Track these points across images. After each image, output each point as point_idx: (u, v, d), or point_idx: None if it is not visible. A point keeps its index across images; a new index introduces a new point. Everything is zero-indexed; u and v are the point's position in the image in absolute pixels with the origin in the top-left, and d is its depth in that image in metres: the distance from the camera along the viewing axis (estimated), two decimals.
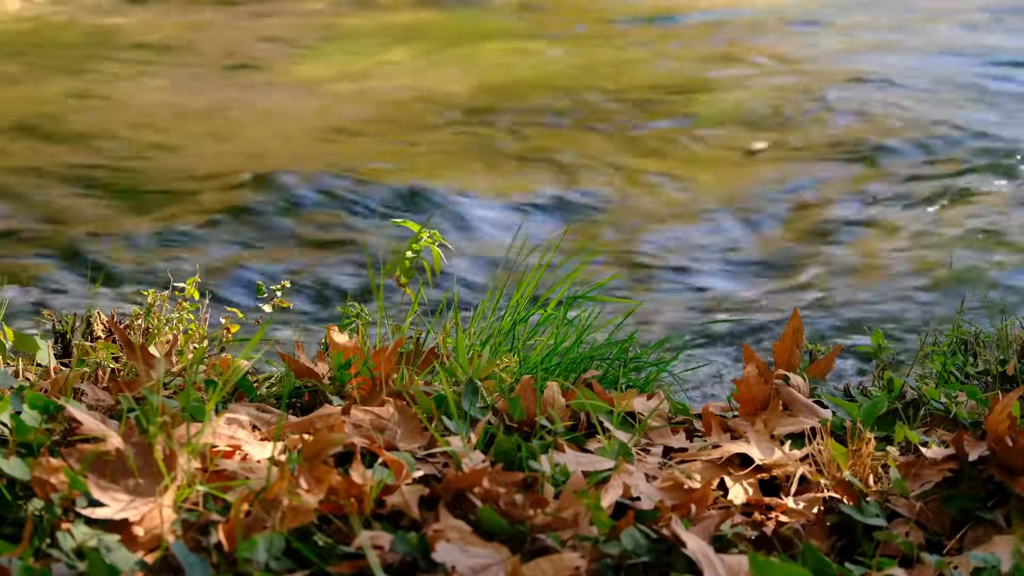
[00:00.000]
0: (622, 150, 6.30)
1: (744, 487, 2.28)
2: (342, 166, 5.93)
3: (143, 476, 1.96)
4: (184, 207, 5.49)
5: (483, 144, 6.39)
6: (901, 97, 7.12)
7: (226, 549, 1.87)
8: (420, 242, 2.87)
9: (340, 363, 2.55)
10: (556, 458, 2.17)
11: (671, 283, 4.97)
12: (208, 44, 8.31)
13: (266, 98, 7.15)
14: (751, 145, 6.36)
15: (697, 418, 2.62)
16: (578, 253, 4.76)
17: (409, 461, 2.12)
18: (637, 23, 8.80)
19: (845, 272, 5.03)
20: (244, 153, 6.21)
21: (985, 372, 2.98)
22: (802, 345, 2.73)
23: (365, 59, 8.05)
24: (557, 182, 5.89)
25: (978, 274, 4.91)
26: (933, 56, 7.96)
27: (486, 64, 7.91)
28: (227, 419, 2.21)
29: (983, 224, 5.44)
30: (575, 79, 7.54)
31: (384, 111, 6.94)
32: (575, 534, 1.98)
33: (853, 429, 2.33)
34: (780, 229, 5.41)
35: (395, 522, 2.02)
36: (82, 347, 2.69)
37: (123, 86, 7.34)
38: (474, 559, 1.88)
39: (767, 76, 7.60)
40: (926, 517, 2.19)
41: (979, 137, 6.44)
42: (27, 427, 2.14)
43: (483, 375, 2.63)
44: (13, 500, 1.96)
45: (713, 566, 1.92)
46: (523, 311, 2.98)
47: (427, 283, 2.91)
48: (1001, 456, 2.21)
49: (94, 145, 6.28)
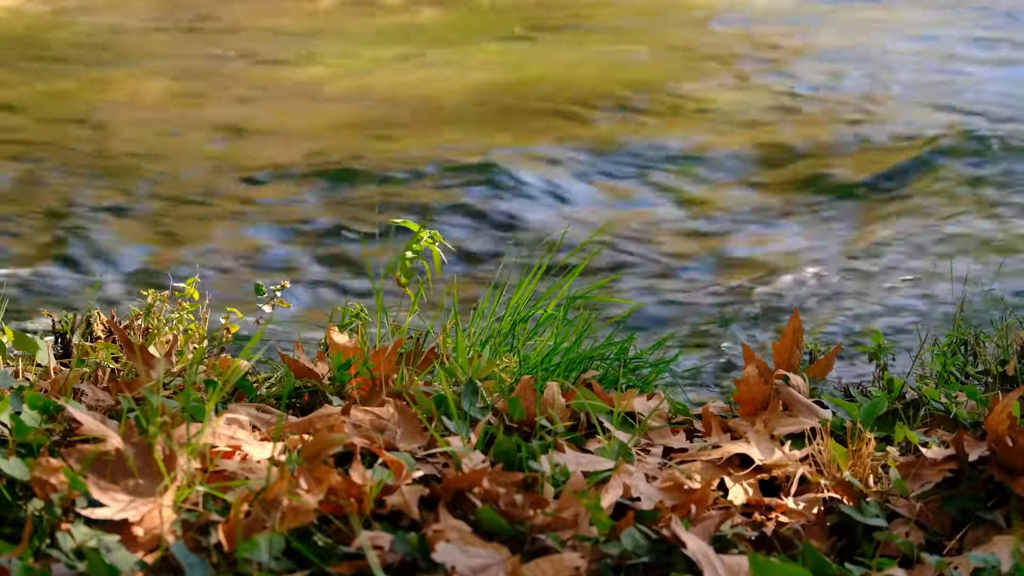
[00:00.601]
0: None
1: (744, 487, 2.28)
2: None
3: (143, 476, 1.96)
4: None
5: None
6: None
7: (226, 549, 1.87)
8: (420, 242, 2.87)
9: (340, 363, 2.55)
10: (556, 458, 2.17)
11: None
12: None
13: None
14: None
15: (697, 418, 2.62)
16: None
17: (409, 461, 2.12)
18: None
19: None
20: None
21: (985, 372, 2.98)
22: (802, 345, 2.73)
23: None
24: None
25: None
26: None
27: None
28: (227, 419, 2.21)
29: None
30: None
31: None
32: (575, 534, 1.98)
33: (853, 429, 2.33)
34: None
35: (395, 522, 2.02)
36: (82, 347, 2.69)
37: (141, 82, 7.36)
38: (474, 559, 1.88)
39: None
40: (926, 517, 2.19)
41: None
42: (27, 427, 2.14)
43: (483, 375, 2.63)
44: (13, 500, 1.96)
45: (713, 566, 1.92)
46: (523, 311, 2.98)
47: (427, 284, 2.91)
48: (1001, 456, 2.21)
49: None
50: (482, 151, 6.03)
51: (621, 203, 5.71)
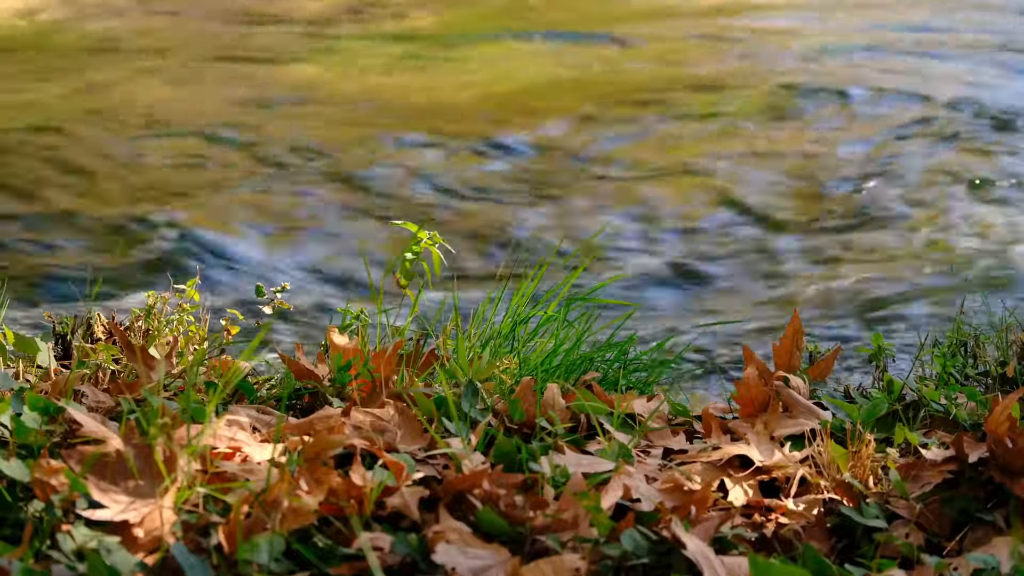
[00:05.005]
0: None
1: (744, 489, 2.28)
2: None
3: (143, 478, 1.96)
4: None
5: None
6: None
7: (226, 551, 1.87)
8: (420, 243, 2.87)
9: (340, 365, 2.55)
10: (556, 460, 2.17)
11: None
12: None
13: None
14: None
15: (697, 420, 2.62)
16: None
17: (409, 463, 2.12)
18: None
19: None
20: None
21: (985, 374, 2.98)
22: (802, 347, 2.74)
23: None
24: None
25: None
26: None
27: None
28: (227, 421, 2.21)
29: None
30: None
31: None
32: (575, 536, 1.98)
33: (853, 431, 2.34)
34: None
35: (395, 523, 2.02)
36: (82, 349, 2.69)
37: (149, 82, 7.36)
38: (474, 560, 1.88)
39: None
40: (926, 519, 2.19)
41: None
42: (27, 429, 2.15)
43: (483, 377, 2.63)
44: (13, 502, 1.96)
45: (713, 567, 1.92)
46: (523, 313, 2.98)
47: (427, 285, 2.91)
48: (1001, 458, 2.21)
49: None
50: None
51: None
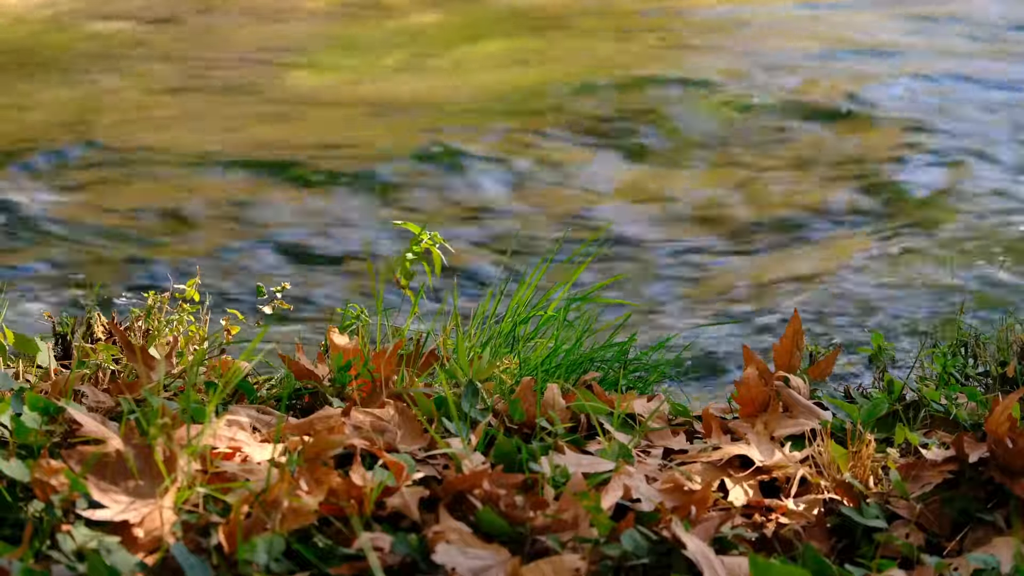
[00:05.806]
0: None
1: (744, 489, 2.28)
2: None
3: (143, 478, 1.96)
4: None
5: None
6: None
7: (226, 551, 1.87)
8: (421, 243, 2.87)
9: (340, 365, 2.55)
10: (556, 460, 2.17)
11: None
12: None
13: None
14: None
15: (697, 420, 2.62)
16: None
17: (409, 463, 2.12)
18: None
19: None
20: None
21: (985, 374, 2.98)
22: (802, 347, 2.74)
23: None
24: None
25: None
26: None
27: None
28: (227, 421, 2.21)
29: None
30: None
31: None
32: (575, 536, 1.98)
33: (853, 431, 2.33)
34: None
35: (395, 524, 2.02)
36: (82, 349, 2.69)
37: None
38: (474, 561, 1.88)
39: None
40: (926, 519, 2.19)
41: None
42: (27, 429, 2.14)
43: (483, 377, 2.63)
44: (13, 502, 1.96)
45: (713, 568, 1.92)
46: (523, 313, 2.98)
47: (428, 286, 2.91)
48: (1001, 458, 2.21)
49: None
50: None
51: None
